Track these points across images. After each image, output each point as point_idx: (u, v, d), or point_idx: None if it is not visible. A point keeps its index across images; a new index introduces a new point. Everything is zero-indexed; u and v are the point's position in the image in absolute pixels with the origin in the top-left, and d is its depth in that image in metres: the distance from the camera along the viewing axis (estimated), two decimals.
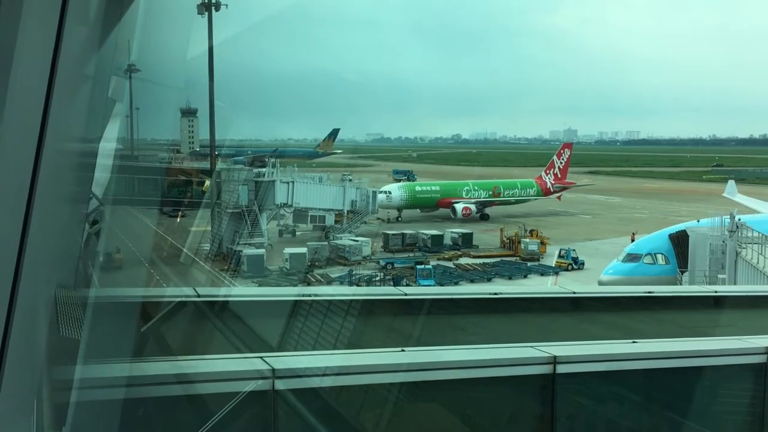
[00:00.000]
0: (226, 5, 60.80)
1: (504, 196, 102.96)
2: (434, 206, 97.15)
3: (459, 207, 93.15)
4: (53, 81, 2.82)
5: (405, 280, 54.38)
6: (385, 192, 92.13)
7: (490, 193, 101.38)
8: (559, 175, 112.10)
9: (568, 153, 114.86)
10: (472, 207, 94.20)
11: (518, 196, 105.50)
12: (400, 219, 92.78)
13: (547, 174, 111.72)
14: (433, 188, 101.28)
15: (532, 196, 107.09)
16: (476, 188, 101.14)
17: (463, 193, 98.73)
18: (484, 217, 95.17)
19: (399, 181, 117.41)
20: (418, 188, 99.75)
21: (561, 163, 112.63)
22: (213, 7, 60.42)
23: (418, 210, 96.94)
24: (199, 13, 59.54)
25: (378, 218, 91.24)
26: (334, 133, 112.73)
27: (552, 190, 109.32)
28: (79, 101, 4.54)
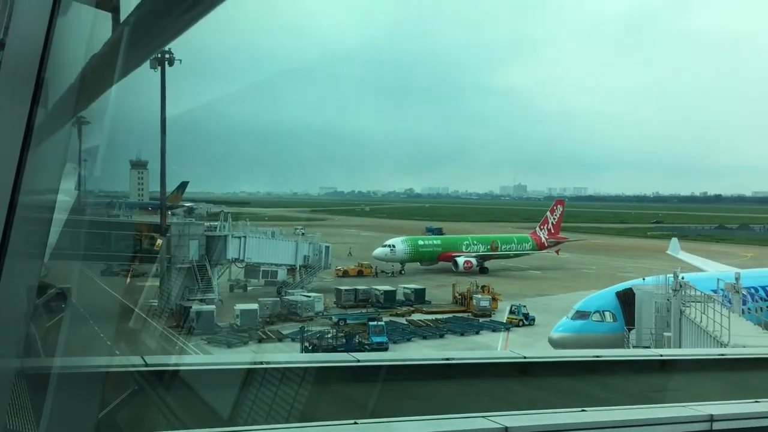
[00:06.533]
0: (180, 60, 61.02)
1: (501, 250, 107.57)
2: (435, 260, 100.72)
3: (461, 260, 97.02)
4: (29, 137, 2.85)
5: (357, 337, 53.94)
6: (389, 246, 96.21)
7: (489, 247, 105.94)
8: (553, 231, 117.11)
9: (561, 209, 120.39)
10: (473, 260, 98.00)
11: (515, 250, 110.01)
12: (403, 272, 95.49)
13: (541, 229, 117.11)
14: (435, 242, 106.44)
15: (527, 250, 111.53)
16: (475, 242, 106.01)
17: (463, 247, 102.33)
18: (484, 270, 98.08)
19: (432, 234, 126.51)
20: (420, 242, 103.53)
21: (554, 219, 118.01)
22: (167, 62, 60.54)
23: (418, 264, 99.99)
24: (152, 68, 59.56)
25: (382, 271, 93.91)
26: (183, 185, 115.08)
27: (546, 244, 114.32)
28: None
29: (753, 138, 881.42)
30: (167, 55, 60.46)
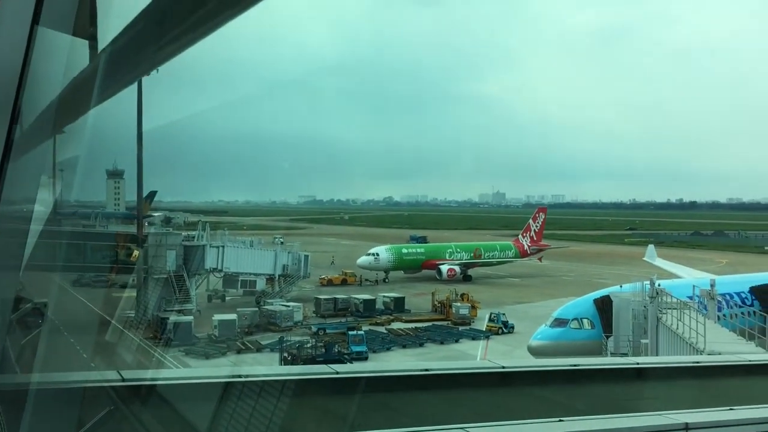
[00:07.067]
0: (157, 70, 60.48)
1: (485, 258, 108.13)
2: (419, 268, 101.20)
3: (444, 268, 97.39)
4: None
5: (337, 347, 53.77)
6: (373, 254, 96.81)
7: (472, 255, 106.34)
8: (535, 238, 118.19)
9: (543, 217, 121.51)
10: (456, 268, 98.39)
11: (498, 258, 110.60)
12: (386, 280, 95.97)
13: (523, 237, 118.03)
14: (418, 250, 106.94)
15: (510, 257, 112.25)
16: (459, 250, 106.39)
17: (447, 255, 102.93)
18: (467, 278, 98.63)
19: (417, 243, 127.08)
20: (404, 250, 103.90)
21: (537, 226, 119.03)
22: None
23: (402, 272, 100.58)
24: None
25: (367, 280, 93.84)
26: (151, 195, 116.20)
27: (529, 252, 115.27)
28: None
29: (727, 146, 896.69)
30: None
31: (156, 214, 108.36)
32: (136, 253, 63.47)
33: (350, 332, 57.23)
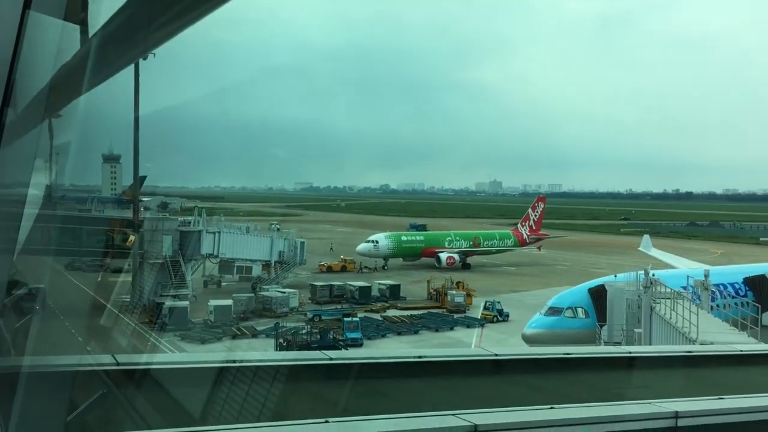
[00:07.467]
0: (154, 54, 60.24)
1: (483, 246, 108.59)
2: (418, 255, 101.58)
3: (443, 256, 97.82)
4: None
5: (332, 333, 53.90)
6: (373, 241, 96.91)
7: (471, 243, 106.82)
8: (534, 227, 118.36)
9: (542, 206, 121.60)
10: (456, 256, 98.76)
11: (497, 247, 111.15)
12: (386, 267, 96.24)
13: (522, 226, 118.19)
14: (418, 238, 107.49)
15: (509, 246, 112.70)
16: (458, 239, 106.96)
17: (446, 244, 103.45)
18: (466, 266, 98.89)
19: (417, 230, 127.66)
20: (403, 238, 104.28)
21: (536, 215, 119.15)
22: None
23: (401, 259, 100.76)
24: None
25: (366, 267, 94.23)
26: (141, 180, 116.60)
27: (528, 241, 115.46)
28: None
29: (725, 136, 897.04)
30: None
31: (146, 199, 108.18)
32: (131, 238, 63.40)
33: (345, 319, 57.34)
